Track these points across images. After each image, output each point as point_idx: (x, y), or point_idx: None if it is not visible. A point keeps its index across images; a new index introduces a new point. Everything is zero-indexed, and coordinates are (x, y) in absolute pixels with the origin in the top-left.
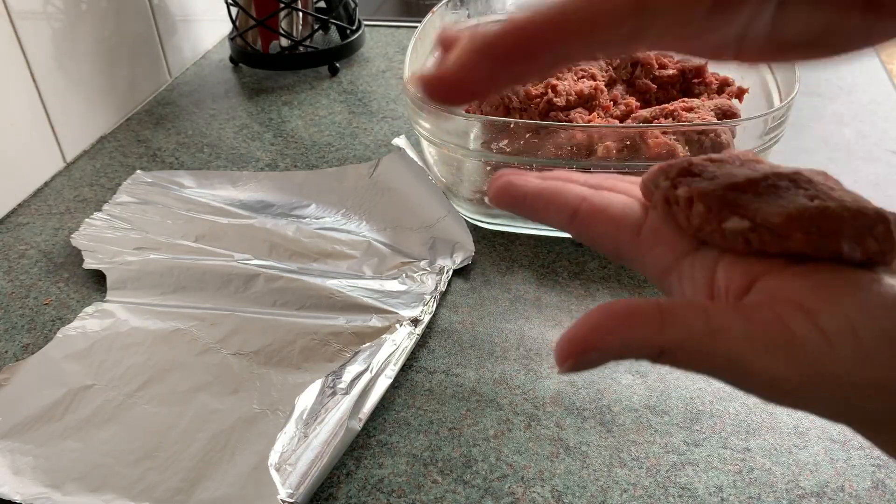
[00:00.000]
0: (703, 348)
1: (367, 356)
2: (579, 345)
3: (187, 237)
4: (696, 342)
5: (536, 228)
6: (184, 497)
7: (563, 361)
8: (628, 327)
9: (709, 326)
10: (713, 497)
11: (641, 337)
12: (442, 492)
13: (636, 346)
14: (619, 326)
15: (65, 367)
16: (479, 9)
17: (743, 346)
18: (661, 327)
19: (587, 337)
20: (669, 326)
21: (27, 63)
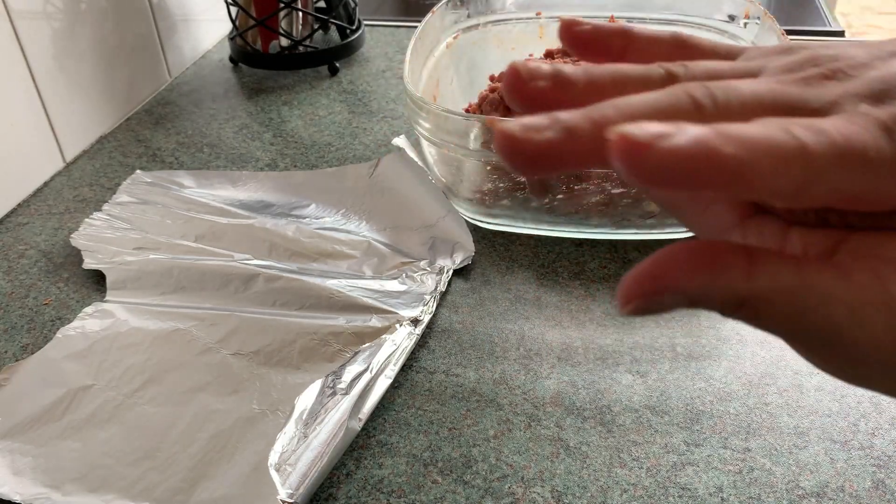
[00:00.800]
0: (792, 303)
1: (367, 356)
2: (653, 282)
3: (187, 237)
4: (787, 296)
5: (536, 228)
6: (184, 497)
7: (627, 301)
8: (712, 268)
9: (802, 280)
10: (713, 497)
11: (726, 281)
12: (442, 492)
13: (718, 291)
14: (701, 266)
15: (64, 367)
16: (479, 8)
17: (837, 306)
18: (749, 273)
19: (663, 274)
20: (759, 273)
21: (27, 63)
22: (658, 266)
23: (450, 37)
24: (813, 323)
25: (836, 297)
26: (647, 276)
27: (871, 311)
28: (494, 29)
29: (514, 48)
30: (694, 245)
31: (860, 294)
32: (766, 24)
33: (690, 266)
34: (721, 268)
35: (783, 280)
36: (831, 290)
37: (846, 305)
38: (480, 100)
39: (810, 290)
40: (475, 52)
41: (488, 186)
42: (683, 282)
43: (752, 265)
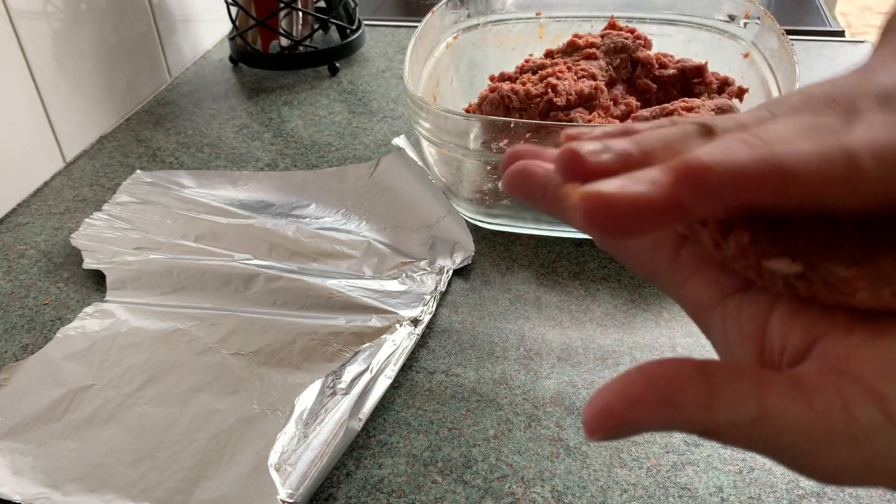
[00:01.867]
0: (753, 435)
1: (367, 356)
2: (612, 419)
3: (187, 237)
4: (747, 428)
5: (536, 228)
6: (184, 497)
7: (592, 433)
8: (671, 405)
9: (763, 410)
10: (713, 497)
11: (685, 417)
12: (442, 492)
13: (678, 425)
14: (660, 403)
15: (64, 367)
16: (479, 8)
17: (800, 436)
18: (708, 407)
19: (623, 411)
20: (717, 407)
21: (27, 63)
22: (617, 402)
23: (450, 37)
24: (776, 451)
25: (797, 428)
26: (607, 412)
27: (833, 440)
28: (494, 29)
29: (514, 48)
30: (654, 375)
31: (823, 422)
32: (766, 23)
33: (649, 402)
34: (680, 403)
35: (743, 412)
36: (793, 420)
37: (808, 436)
38: (480, 100)
39: (771, 421)
40: (475, 52)
41: (488, 186)
42: (643, 418)
43: (711, 397)
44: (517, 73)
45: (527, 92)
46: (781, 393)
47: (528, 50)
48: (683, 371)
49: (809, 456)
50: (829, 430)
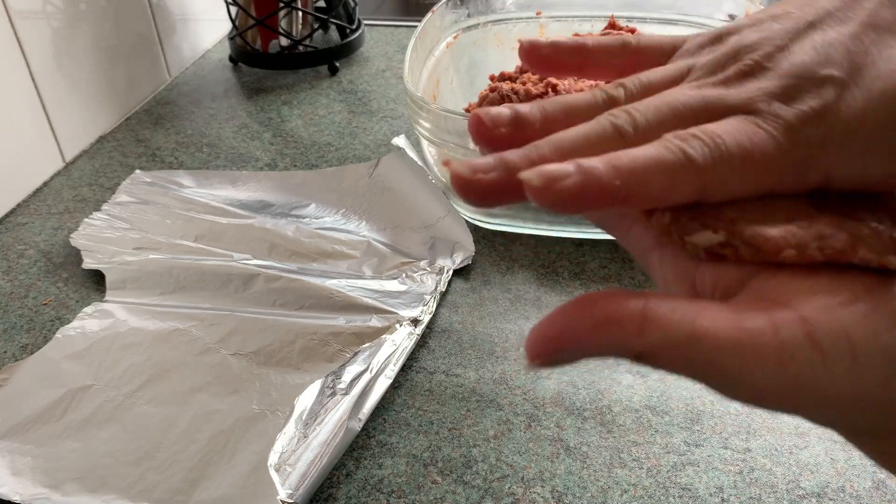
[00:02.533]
0: (684, 355)
1: (366, 356)
2: (550, 344)
3: (187, 237)
4: (678, 349)
5: (536, 228)
6: (183, 497)
7: (532, 358)
8: (605, 329)
9: (693, 331)
10: (714, 497)
11: (618, 341)
12: (442, 492)
13: (612, 349)
14: (595, 328)
15: (64, 367)
16: (479, 8)
17: (729, 355)
18: (640, 331)
19: (559, 337)
20: (650, 329)
21: (27, 63)
22: (555, 328)
23: (450, 37)
24: (707, 372)
25: (726, 347)
26: (545, 338)
27: (760, 357)
28: (494, 29)
29: (514, 48)
30: (591, 304)
31: (751, 341)
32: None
33: (585, 328)
34: (614, 327)
35: (675, 333)
36: (723, 339)
37: (736, 354)
38: (480, 99)
39: (701, 341)
40: (475, 51)
41: None
42: (579, 343)
43: (644, 321)
44: (517, 72)
45: (527, 92)
46: (712, 316)
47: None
48: (618, 298)
49: (736, 374)
50: (756, 347)
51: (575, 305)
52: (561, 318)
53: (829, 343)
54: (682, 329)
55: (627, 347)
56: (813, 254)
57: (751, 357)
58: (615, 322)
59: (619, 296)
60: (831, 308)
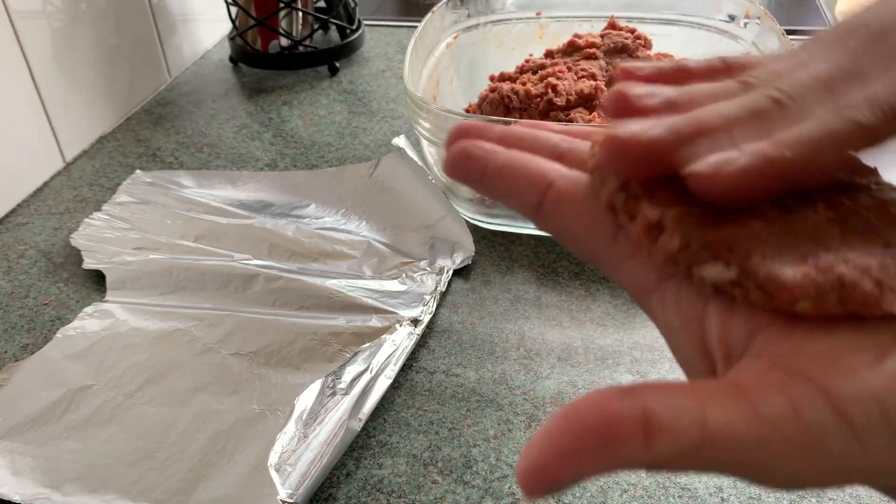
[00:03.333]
0: (701, 459)
1: (366, 356)
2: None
3: (187, 237)
4: (691, 455)
5: (536, 228)
6: (183, 497)
7: (531, 494)
8: (605, 449)
9: (706, 432)
10: (713, 497)
11: (624, 457)
12: (442, 492)
13: (617, 467)
14: (594, 448)
15: (64, 367)
16: (479, 8)
17: (751, 452)
18: (646, 442)
19: (557, 466)
20: (656, 440)
21: (27, 63)
22: (548, 456)
23: (450, 37)
24: (728, 469)
25: (746, 444)
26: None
27: (786, 448)
28: (494, 29)
29: (514, 48)
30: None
31: (772, 432)
32: (767, 24)
33: (581, 449)
34: (614, 445)
35: (685, 438)
36: (740, 436)
37: (759, 450)
38: (480, 100)
39: (716, 443)
40: (475, 52)
41: None
42: (579, 469)
43: (648, 430)
44: (517, 73)
45: (527, 92)
46: (723, 407)
47: (528, 50)
48: (611, 406)
49: (764, 468)
50: (780, 439)
51: (562, 424)
52: (550, 442)
53: (861, 416)
54: (692, 433)
55: (634, 462)
56: (832, 308)
57: (776, 450)
58: (614, 438)
59: (607, 402)
60: (857, 372)
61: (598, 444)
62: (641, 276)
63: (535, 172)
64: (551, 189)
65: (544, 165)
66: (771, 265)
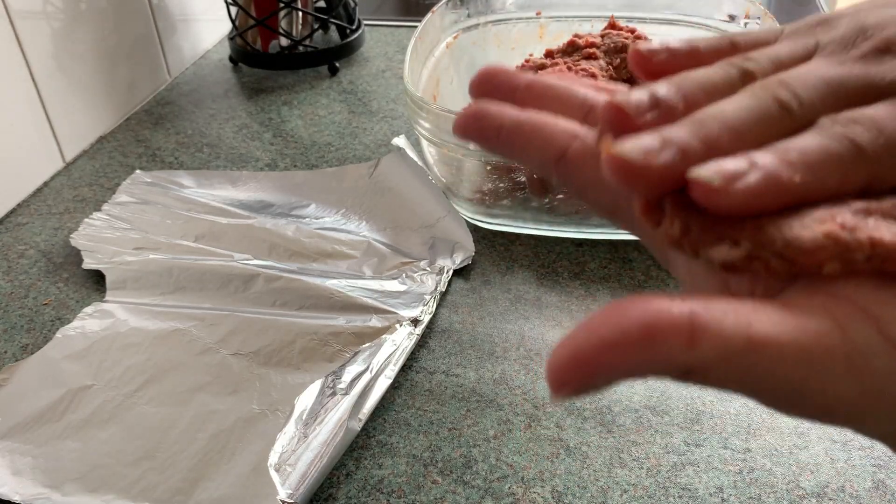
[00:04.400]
0: (743, 368)
1: (366, 356)
2: (579, 368)
3: (187, 237)
4: (736, 360)
5: (536, 228)
6: (183, 497)
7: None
8: (647, 344)
9: (751, 337)
10: (714, 497)
11: (664, 356)
12: (442, 492)
13: (658, 366)
14: (634, 343)
15: (64, 367)
16: (479, 8)
17: (794, 363)
18: (690, 342)
19: (590, 358)
20: (701, 339)
21: (27, 63)
22: (584, 346)
23: (450, 37)
24: (769, 384)
25: (791, 354)
26: (574, 360)
27: (830, 363)
28: (494, 29)
29: (514, 48)
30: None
31: (818, 344)
32: (767, 23)
33: (621, 341)
34: (658, 340)
35: (730, 342)
36: (785, 344)
37: (803, 361)
38: None
39: (762, 348)
40: (475, 52)
41: (488, 186)
42: (615, 362)
43: (693, 330)
44: None
45: None
46: (770, 318)
47: (528, 50)
48: (656, 303)
49: (804, 385)
50: (825, 352)
51: (604, 317)
52: (589, 333)
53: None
54: (737, 337)
55: (676, 363)
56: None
57: (819, 364)
58: (658, 334)
59: (656, 301)
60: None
61: (641, 337)
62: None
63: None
64: (575, 141)
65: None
66: (787, 230)
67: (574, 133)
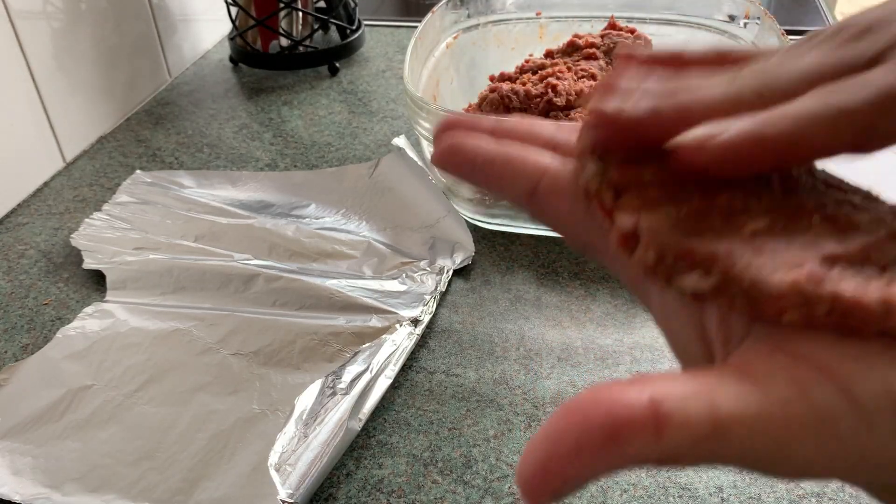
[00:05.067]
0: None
1: (366, 356)
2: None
3: (187, 237)
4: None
5: (536, 228)
6: (183, 497)
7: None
8: (614, 444)
9: (717, 418)
10: (714, 497)
11: (635, 451)
12: (442, 492)
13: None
14: (603, 443)
15: (64, 367)
16: (479, 8)
17: (761, 436)
18: (656, 434)
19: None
20: (668, 431)
21: (27, 63)
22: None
23: (450, 37)
24: (741, 460)
25: (756, 428)
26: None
27: (795, 430)
28: (494, 29)
29: (514, 48)
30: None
31: (782, 414)
32: (766, 24)
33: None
34: (624, 439)
35: (697, 430)
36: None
37: (769, 434)
38: (480, 100)
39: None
40: (475, 52)
41: None
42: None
43: (657, 422)
44: (517, 73)
45: (527, 92)
46: (731, 391)
47: (528, 50)
48: (616, 399)
49: (775, 454)
50: (790, 421)
51: (564, 421)
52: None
53: (871, 402)
54: (702, 421)
55: (645, 458)
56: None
57: (786, 434)
58: (623, 433)
59: (612, 393)
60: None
61: (605, 440)
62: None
63: (528, 161)
64: (545, 176)
65: (537, 154)
66: (758, 271)
67: (544, 167)
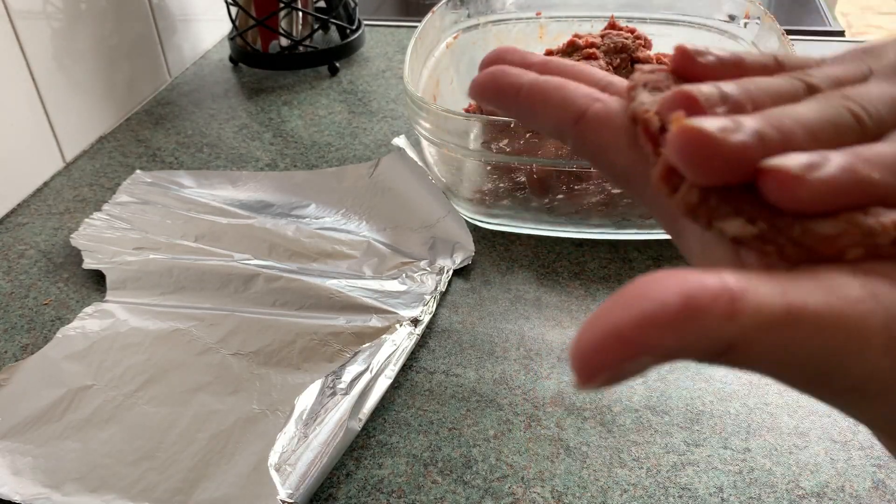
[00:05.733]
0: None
1: (366, 356)
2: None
3: (187, 237)
4: (775, 332)
5: (536, 228)
6: (183, 497)
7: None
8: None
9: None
10: (713, 497)
11: (705, 331)
12: (442, 492)
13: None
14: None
15: (64, 367)
16: (479, 8)
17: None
18: (731, 312)
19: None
20: (742, 311)
21: (27, 63)
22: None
23: (450, 37)
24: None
25: (828, 321)
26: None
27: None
28: (494, 29)
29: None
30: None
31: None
32: (767, 24)
33: (663, 318)
34: (698, 315)
35: (770, 313)
36: (823, 311)
37: (841, 328)
38: None
39: (800, 320)
40: (475, 52)
41: (488, 186)
42: (651, 344)
43: (732, 301)
44: None
45: None
46: (800, 287)
47: (527, 50)
48: (688, 275)
49: (841, 356)
50: (862, 320)
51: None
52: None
53: None
54: (776, 307)
55: (717, 338)
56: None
57: (857, 333)
58: (699, 307)
59: (688, 273)
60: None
61: (680, 310)
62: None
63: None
64: (595, 104)
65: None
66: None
67: (595, 96)
